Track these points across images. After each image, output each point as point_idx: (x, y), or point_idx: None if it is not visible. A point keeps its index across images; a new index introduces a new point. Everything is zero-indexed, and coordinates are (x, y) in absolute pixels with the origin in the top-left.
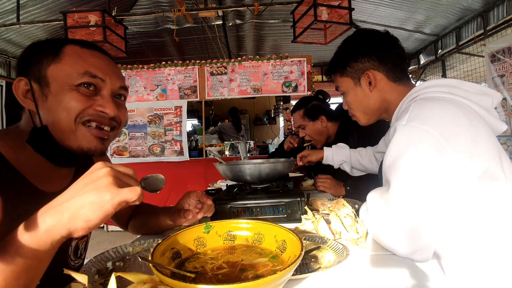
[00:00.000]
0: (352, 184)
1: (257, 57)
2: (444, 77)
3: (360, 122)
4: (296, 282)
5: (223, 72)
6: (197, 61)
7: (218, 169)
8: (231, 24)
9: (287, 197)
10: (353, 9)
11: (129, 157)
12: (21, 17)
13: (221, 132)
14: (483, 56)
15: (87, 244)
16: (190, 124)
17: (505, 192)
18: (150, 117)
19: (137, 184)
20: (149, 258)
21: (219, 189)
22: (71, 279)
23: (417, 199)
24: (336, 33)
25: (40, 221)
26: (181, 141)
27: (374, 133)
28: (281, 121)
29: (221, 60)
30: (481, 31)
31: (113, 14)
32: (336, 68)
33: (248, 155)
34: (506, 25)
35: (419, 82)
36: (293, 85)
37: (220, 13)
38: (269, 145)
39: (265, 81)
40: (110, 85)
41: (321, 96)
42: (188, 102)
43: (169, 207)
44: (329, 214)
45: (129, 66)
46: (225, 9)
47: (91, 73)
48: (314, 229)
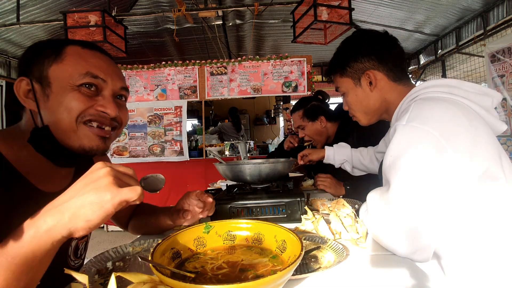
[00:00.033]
0: (352, 184)
1: (257, 57)
2: (444, 77)
3: (361, 122)
4: (296, 282)
5: (223, 72)
6: (197, 61)
7: (218, 169)
8: (231, 24)
9: (287, 197)
10: (353, 9)
11: (129, 157)
12: (21, 17)
13: (221, 132)
14: (483, 56)
15: (87, 244)
16: (190, 124)
17: (505, 192)
18: (150, 117)
19: (137, 184)
20: (149, 258)
21: (219, 189)
22: (71, 279)
23: (417, 199)
24: (336, 33)
25: (40, 221)
26: (181, 141)
27: (374, 133)
28: (281, 121)
29: (221, 60)
30: (481, 31)
31: (113, 14)
32: (336, 68)
33: (248, 155)
34: (506, 25)
35: (419, 82)
36: (293, 85)
37: (220, 13)
38: (269, 145)
39: (265, 81)
40: (111, 85)
41: (320, 96)
42: (188, 102)
43: (169, 207)
44: (329, 214)
45: (129, 66)
46: (225, 9)
47: (92, 74)
48: (314, 229)
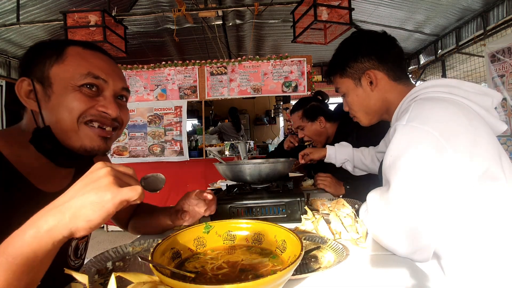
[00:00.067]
0: (351, 184)
1: (257, 57)
2: (444, 77)
3: (362, 123)
4: (296, 282)
5: (223, 72)
6: (197, 61)
7: (218, 169)
8: (231, 24)
9: (287, 197)
10: (353, 9)
11: (129, 157)
12: (21, 17)
13: (221, 132)
14: (483, 56)
15: (87, 244)
16: (190, 124)
17: (505, 192)
18: (150, 117)
19: (137, 184)
20: (149, 258)
21: (219, 189)
22: (71, 279)
23: (417, 199)
24: (336, 33)
25: (41, 221)
26: (181, 141)
27: (373, 133)
28: (281, 121)
29: (221, 60)
30: (481, 31)
31: (113, 14)
32: (336, 69)
33: (248, 155)
34: (506, 25)
35: (419, 82)
36: (293, 85)
37: (220, 13)
38: (269, 145)
39: (265, 81)
40: (113, 86)
41: (320, 96)
42: (188, 102)
43: (169, 207)
44: (329, 214)
45: (129, 66)
46: (225, 9)
47: (94, 74)
48: (314, 229)
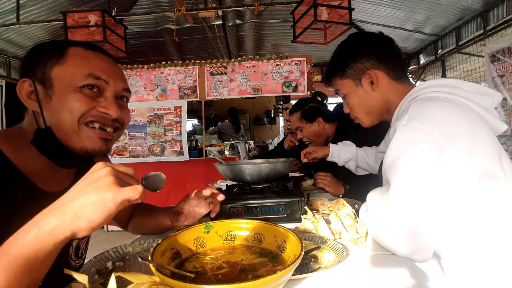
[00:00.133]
0: (351, 184)
1: (257, 57)
2: (444, 77)
3: (363, 124)
4: (296, 282)
5: (223, 72)
6: (197, 61)
7: (218, 169)
8: (231, 24)
9: (287, 197)
10: (353, 9)
11: (129, 157)
12: (21, 17)
13: (221, 132)
14: (483, 56)
15: (87, 243)
16: (190, 124)
17: (505, 192)
18: (150, 117)
19: (138, 183)
20: (149, 258)
21: (219, 189)
22: (71, 279)
23: (417, 199)
24: (336, 33)
25: (43, 222)
26: (181, 141)
27: (373, 133)
28: (281, 121)
29: (221, 60)
30: (481, 31)
31: (113, 14)
32: (335, 71)
33: (249, 154)
34: (506, 25)
35: (419, 82)
36: (293, 85)
37: (220, 13)
38: (269, 145)
39: (265, 81)
40: (114, 87)
41: (318, 97)
42: (188, 102)
43: (169, 207)
44: (329, 214)
45: (129, 66)
46: (225, 9)
47: (95, 75)
48: (314, 229)
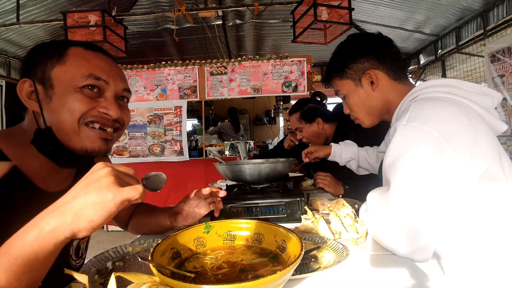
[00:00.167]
0: (351, 184)
1: (257, 57)
2: (444, 77)
3: (364, 124)
4: (296, 282)
5: (223, 72)
6: (197, 61)
7: (218, 169)
8: (231, 24)
9: (287, 197)
10: (353, 9)
11: (129, 157)
12: (21, 17)
13: (221, 132)
14: (483, 56)
15: (87, 243)
16: (190, 124)
17: (505, 192)
18: (150, 117)
19: (138, 183)
20: (149, 258)
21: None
22: (71, 278)
23: (417, 199)
24: (336, 33)
25: (43, 223)
26: (181, 141)
27: (372, 133)
28: (281, 121)
29: (221, 60)
30: (481, 31)
31: (113, 14)
32: (335, 71)
33: (249, 154)
34: (506, 25)
35: (419, 82)
36: (293, 85)
37: (220, 13)
38: (269, 145)
39: (265, 81)
40: (114, 87)
41: (318, 97)
42: (188, 102)
43: (169, 207)
44: (329, 214)
45: (129, 66)
46: (225, 9)
47: (95, 75)
48: (314, 229)
